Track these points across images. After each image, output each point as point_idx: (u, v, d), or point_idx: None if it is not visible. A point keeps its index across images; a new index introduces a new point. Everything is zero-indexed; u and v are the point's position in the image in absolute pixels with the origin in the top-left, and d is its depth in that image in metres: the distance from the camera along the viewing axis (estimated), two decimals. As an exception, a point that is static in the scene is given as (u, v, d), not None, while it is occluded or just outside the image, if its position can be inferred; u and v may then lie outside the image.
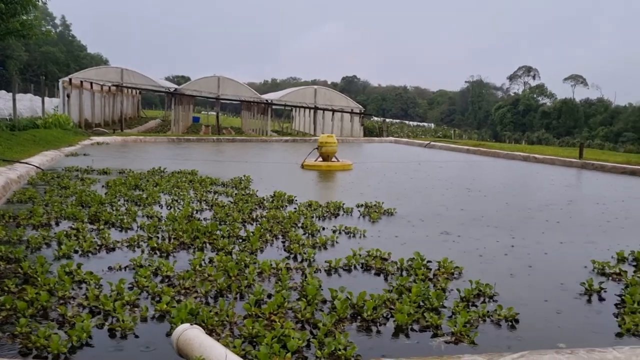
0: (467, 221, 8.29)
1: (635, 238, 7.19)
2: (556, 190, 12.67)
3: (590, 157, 18.29)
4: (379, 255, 5.88)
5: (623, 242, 6.89)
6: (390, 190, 11.54)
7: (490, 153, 21.92)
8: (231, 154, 20.64)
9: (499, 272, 5.59)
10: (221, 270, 5.13)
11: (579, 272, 5.60)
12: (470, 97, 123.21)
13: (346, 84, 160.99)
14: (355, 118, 37.56)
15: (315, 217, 8.15)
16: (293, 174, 14.33)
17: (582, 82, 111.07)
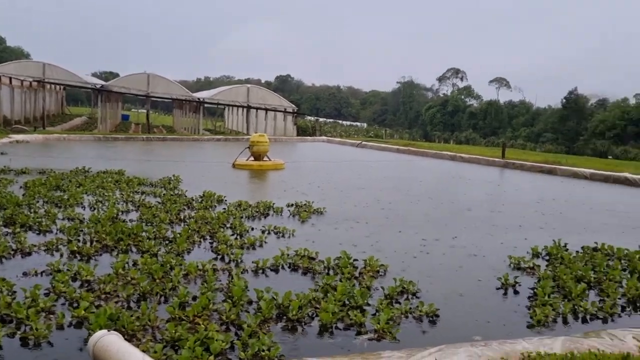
0: (395, 220, 8.49)
1: (549, 234, 7.59)
2: (479, 188, 13.18)
3: (511, 157, 19.16)
4: (307, 254, 5.91)
5: (538, 238, 7.27)
6: (321, 189, 11.63)
7: (419, 152, 22.52)
8: (161, 153, 20.14)
9: (423, 269, 5.77)
10: (145, 273, 5.00)
11: (497, 267, 5.86)
12: (402, 97, 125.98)
13: (280, 83, 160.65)
14: (288, 117, 37.58)
15: (245, 217, 8.09)
16: (224, 173, 14.17)
17: (505, 84, 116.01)
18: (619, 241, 7.08)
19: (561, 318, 4.39)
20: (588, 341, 3.46)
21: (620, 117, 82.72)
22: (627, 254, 6.21)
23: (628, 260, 6.01)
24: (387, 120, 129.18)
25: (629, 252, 6.22)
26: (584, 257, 6.06)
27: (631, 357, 3.21)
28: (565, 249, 6.49)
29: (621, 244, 6.70)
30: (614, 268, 5.62)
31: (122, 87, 33.81)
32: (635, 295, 4.85)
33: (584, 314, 4.47)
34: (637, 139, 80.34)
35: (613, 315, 4.47)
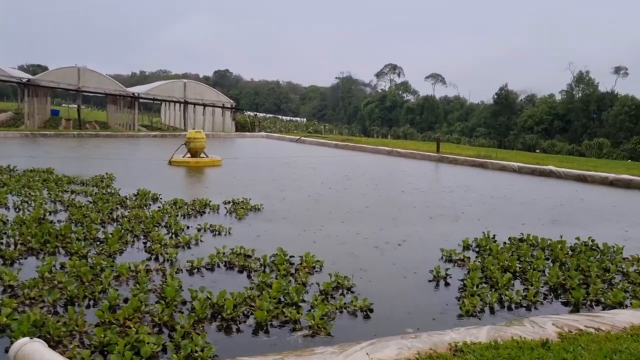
0: (333, 214, 8.57)
1: (480, 226, 7.87)
2: (413, 183, 13.48)
3: (446, 151, 19.74)
4: (243, 252, 5.88)
5: (470, 230, 7.53)
6: (259, 186, 11.57)
7: (357, 148, 22.82)
8: (94, 150, 19.46)
9: (359, 263, 5.85)
10: (73, 276, 4.83)
11: (430, 259, 6.02)
12: (341, 92, 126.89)
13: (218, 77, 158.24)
14: (226, 113, 37.10)
15: (181, 215, 7.95)
16: (160, 170, 13.85)
17: (441, 80, 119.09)
18: (544, 231, 7.44)
19: (488, 308, 4.57)
20: (511, 329, 3.62)
21: (547, 112, 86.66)
22: (550, 244, 6.52)
23: (551, 250, 6.33)
24: (326, 115, 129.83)
25: (551, 242, 6.53)
26: (510, 248, 6.32)
27: (550, 343, 3.38)
28: (493, 241, 6.75)
29: (545, 234, 7.05)
30: (538, 258, 5.90)
31: (50, 82, 32.34)
32: (557, 283, 5.11)
33: (510, 303, 4.67)
34: (563, 133, 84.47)
35: (536, 303, 4.70)
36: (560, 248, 6.30)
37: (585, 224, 8.57)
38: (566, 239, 6.74)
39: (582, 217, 9.24)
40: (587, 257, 5.92)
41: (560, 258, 5.97)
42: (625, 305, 4.64)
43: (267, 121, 61.00)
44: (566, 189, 12.89)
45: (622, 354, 3.18)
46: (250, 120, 42.46)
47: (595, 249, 6.49)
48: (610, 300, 4.65)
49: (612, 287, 5.07)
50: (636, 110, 76.27)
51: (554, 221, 8.70)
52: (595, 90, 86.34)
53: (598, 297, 4.77)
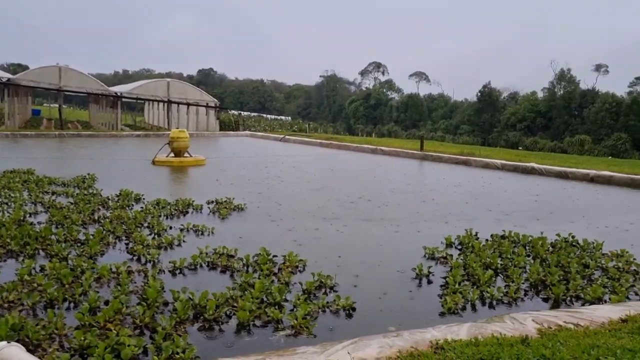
0: (316, 214, 8.57)
1: (463, 223, 7.93)
2: (398, 180, 13.53)
3: (430, 149, 19.83)
4: (226, 252, 5.86)
5: (453, 227, 7.58)
6: (242, 185, 11.54)
7: (341, 146, 22.85)
8: (75, 150, 19.27)
9: (343, 262, 5.86)
10: (53, 278, 4.78)
11: (413, 257, 6.05)
12: (325, 91, 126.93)
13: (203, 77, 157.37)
14: (210, 112, 36.94)
15: (163, 215, 7.90)
16: (143, 170, 13.74)
17: (425, 78, 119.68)
18: (526, 228, 7.52)
19: (470, 305, 4.60)
20: (491, 326, 3.65)
21: (530, 109, 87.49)
22: (531, 240, 6.59)
23: (532, 247, 6.39)
24: (311, 113, 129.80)
25: (532, 238, 6.60)
26: (492, 245, 6.37)
27: (529, 339, 3.41)
28: (476, 238, 6.80)
29: (527, 231, 7.12)
30: (519, 254, 5.95)
31: (31, 81, 31.93)
32: (537, 280, 5.16)
33: (491, 300, 4.71)
34: (545, 130, 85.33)
35: (517, 300, 4.75)
36: (541, 244, 6.36)
37: (566, 220, 8.66)
38: (547, 235, 6.82)
39: (563, 214, 9.34)
40: (567, 254, 5.99)
41: (541, 254, 6.03)
42: (604, 300, 4.70)
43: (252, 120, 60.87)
44: (548, 185, 13.03)
45: (599, 349, 3.22)
46: (235, 119, 42.30)
47: (575, 245, 6.57)
48: (590, 296, 4.71)
49: (591, 283, 5.14)
50: (616, 107, 77.31)
51: (536, 218, 8.78)
52: (576, 87, 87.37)
53: (578, 293, 4.83)
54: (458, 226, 7.68)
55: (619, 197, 11.86)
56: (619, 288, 4.92)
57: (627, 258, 5.95)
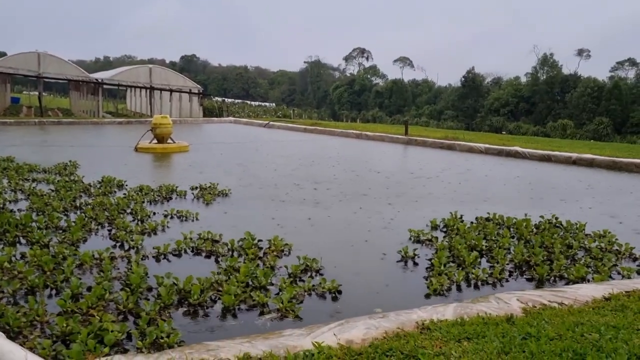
0: (302, 198, 8.53)
1: (448, 205, 7.95)
2: (383, 165, 13.53)
3: (414, 134, 19.85)
4: (210, 237, 5.81)
5: (438, 209, 7.60)
6: (226, 171, 11.45)
7: (326, 132, 22.78)
8: (56, 138, 18.98)
9: (329, 245, 5.84)
10: (34, 265, 4.70)
11: (399, 239, 6.05)
12: (309, 77, 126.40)
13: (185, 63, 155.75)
14: (194, 98, 36.58)
15: (147, 202, 7.81)
16: (125, 157, 13.57)
17: (409, 64, 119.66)
18: (511, 210, 7.56)
19: (455, 286, 4.62)
20: (477, 306, 3.66)
21: (513, 94, 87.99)
22: (515, 222, 6.62)
23: (516, 228, 6.42)
24: (295, 100, 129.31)
25: (517, 220, 6.63)
26: (477, 227, 6.39)
27: (514, 318, 3.43)
28: (461, 220, 6.82)
29: (512, 214, 7.16)
30: (504, 236, 5.98)
31: (9, 68, 31.31)
32: (521, 260, 5.19)
33: (476, 281, 4.73)
34: (528, 114, 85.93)
35: (502, 280, 4.77)
36: (525, 226, 6.40)
37: (550, 202, 8.73)
38: (531, 217, 6.86)
39: (547, 196, 9.41)
40: (551, 235, 6.03)
41: (525, 236, 6.06)
42: (588, 280, 4.74)
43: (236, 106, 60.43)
44: (531, 169, 13.12)
45: (584, 326, 3.25)
46: (218, 105, 41.95)
47: (558, 226, 6.62)
48: (573, 276, 4.75)
49: (575, 263, 5.18)
50: (598, 91, 78.02)
51: (520, 201, 8.83)
52: (559, 72, 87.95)
53: (561, 273, 4.86)
54: (443, 209, 7.69)
55: (600, 178, 11.97)
56: (602, 267, 4.97)
57: (609, 238, 6.00)
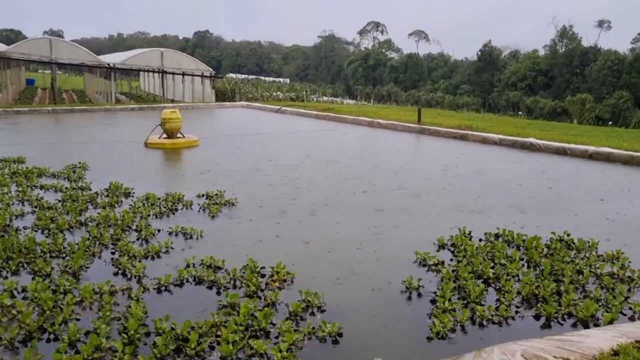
0: (311, 209, 8.41)
1: (457, 218, 7.80)
2: (398, 164, 13.33)
3: (427, 122, 19.54)
4: (213, 263, 5.74)
5: (448, 220, 7.46)
6: (235, 171, 11.33)
7: (338, 119, 22.56)
8: (68, 130, 19.01)
9: (334, 271, 5.73)
10: (34, 304, 4.68)
11: (404, 264, 5.93)
12: (323, 52, 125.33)
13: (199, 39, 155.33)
14: (206, 81, 36.43)
15: (152, 215, 7.76)
16: (135, 155, 13.53)
17: (424, 37, 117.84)
18: (523, 219, 7.39)
19: (460, 326, 4.50)
20: (478, 366, 3.55)
21: (531, 68, 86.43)
22: (525, 240, 6.46)
23: (526, 249, 6.26)
24: (309, 75, 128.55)
25: (527, 238, 6.46)
26: (485, 248, 6.23)
27: (517, 384, 3.32)
28: (469, 237, 6.68)
29: (524, 223, 7.00)
30: (512, 259, 5.83)
31: (22, 54, 31.36)
32: (529, 293, 5.05)
33: (481, 320, 4.60)
34: (546, 89, 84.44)
35: (508, 319, 4.64)
36: (534, 246, 6.24)
37: (563, 206, 8.53)
38: (540, 228, 6.70)
39: (561, 201, 9.19)
40: (562, 258, 5.86)
41: (534, 259, 5.91)
42: (597, 318, 4.60)
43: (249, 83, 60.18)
44: (546, 163, 12.85)
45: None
46: (231, 87, 41.74)
47: (570, 245, 6.44)
48: (582, 314, 4.60)
49: (585, 295, 5.03)
50: (619, 64, 76.21)
51: (535, 206, 8.64)
52: (578, 45, 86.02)
53: (570, 310, 4.72)
54: (453, 218, 7.55)
55: (617, 177, 11.67)
56: (613, 302, 4.81)
57: (623, 261, 5.82)
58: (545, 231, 6.91)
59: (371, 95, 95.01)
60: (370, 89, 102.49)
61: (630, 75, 72.48)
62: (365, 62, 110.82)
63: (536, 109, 78.06)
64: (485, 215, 7.96)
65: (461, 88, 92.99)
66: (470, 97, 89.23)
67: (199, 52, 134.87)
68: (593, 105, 74.43)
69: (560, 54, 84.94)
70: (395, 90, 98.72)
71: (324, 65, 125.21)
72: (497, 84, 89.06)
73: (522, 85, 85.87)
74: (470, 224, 7.19)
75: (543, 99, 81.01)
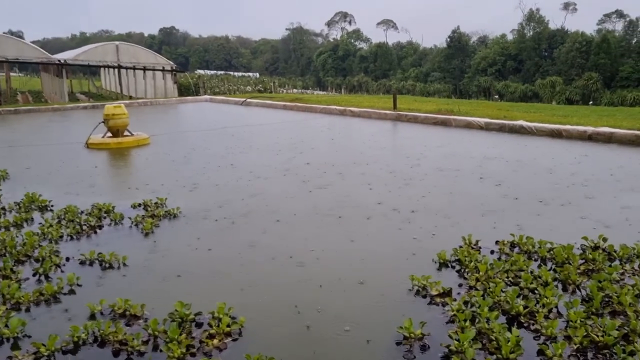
0: (271, 222, 6.73)
1: (461, 222, 6.24)
2: (374, 161, 11.75)
3: (403, 108, 17.98)
4: (129, 310, 4.04)
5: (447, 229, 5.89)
6: (184, 173, 9.59)
7: (307, 108, 20.83)
8: (1, 134, 16.95)
9: (296, 316, 4.10)
10: None
11: (397, 295, 4.33)
12: (292, 44, 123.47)
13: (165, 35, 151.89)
14: (167, 76, 34.33)
15: (67, 236, 5.99)
16: (71, 159, 11.63)
17: (393, 26, 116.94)
18: (536, 220, 5.86)
19: (493, 406, 2.91)
20: None
21: (500, 53, 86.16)
22: (552, 250, 4.92)
23: (556, 264, 4.72)
24: (279, 68, 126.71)
25: (555, 248, 4.92)
26: (502, 264, 4.65)
27: None
28: (478, 249, 5.12)
29: (539, 225, 5.47)
30: (544, 281, 4.27)
31: (-39, 53, 28.87)
32: (585, 341, 3.46)
33: (524, 392, 3.02)
34: (516, 73, 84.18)
35: (562, 388, 3.07)
36: (567, 258, 4.69)
37: (576, 198, 7.04)
38: (570, 234, 5.17)
39: (572, 192, 7.70)
40: (609, 274, 4.32)
41: (572, 279, 4.35)
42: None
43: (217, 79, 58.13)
44: (542, 148, 11.41)
45: None
46: (194, 82, 39.67)
47: (612, 254, 4.91)
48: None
49: (661, 337, 3.48)
50: (586, 46, 76.29)
51: (540, 201, 7.12)
52: (546, 27, 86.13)
53: (651, 365, 3.17)
54: (450, 221, 5.98)
55: (624, 160, 10.28)
56: None
57: (689, 276, 4.31)
58: (568, 233, 5.40)
59: (341, 87, 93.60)
60: (341, 80, 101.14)
61: (598, 56, 72.52)
62: (335, 53, 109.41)
63: (507, 93, 77.72)
64: (492, 217, 6.42)
65: (431, 75, 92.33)
66: (441, 84, 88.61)
67: (166, 49, 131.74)
68: (563, 88, 74.33)
69: (528, 37, 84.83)
70: (365, 80, 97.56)
71: (293, 58, 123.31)
72: (468, 70, 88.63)
73: (492, 71, 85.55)
74: (477, 230, 5.63)
75: (513, 83, 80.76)
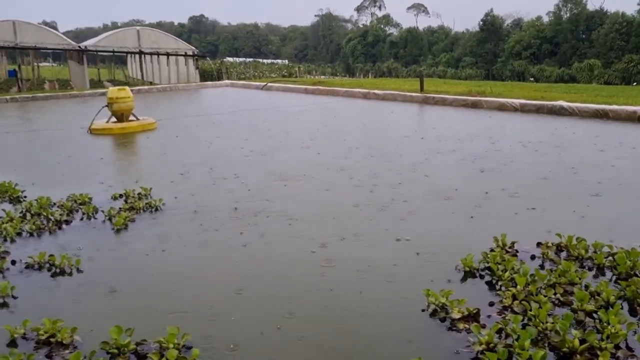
0: (269, 219, 5.76)
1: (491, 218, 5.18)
2: (397, 149, 10.67)
3: (431, 90, 16.77)
4: (56, 335, 3.12)
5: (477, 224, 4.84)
6: (181, 161, 8.68)
7: (329, 92, 19.74)
8: (7, 120, 16.37)
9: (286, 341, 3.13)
10: None
11: (407, 316, 3.32)
12: (321, 31, 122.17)
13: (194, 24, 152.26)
14: (190, 61, 33.65)
15: (26, 232, 5.14)
16: (71, 144, 10.86)
17: (424, 10, 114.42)
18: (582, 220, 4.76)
19: None
20: None
21: (535, 36, 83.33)
22: (613, 256, 3.82)
23: (618, 274, 3.63)
24: (308, 55, 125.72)
25: (616, 254, 3.82)
26: (547, 275, 3.57)
27: None
28: (514, 253, 4.06)
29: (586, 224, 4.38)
30: (604, 301, 3.19)
31: (-18, 40, 28.65)
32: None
33: None
34: (552, 56, 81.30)
35: None
36: (633, 267, 3.60)
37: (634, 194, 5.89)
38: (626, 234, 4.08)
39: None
40: (693, 293, 3.22)
41: (642, 297, 3.27)
42: None
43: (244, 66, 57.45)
44: (589, 131, 10.17)
45: None
46: (217, 67, 38.94)
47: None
48: None
49: None
50: (627, 27, 72.93)
51: (593, 195, 5.99)
52: (583, 9, 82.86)
53: None
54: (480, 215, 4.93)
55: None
56: None
57: None
58: (627, 234, 4.30)
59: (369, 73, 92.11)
60: (370, 66, 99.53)
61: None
62: (364, 39, 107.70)
63: (542, 78, 75.10)
64: (537, 212, 5.33)
65: (463, 60, 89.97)
66: (473, 69, 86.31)
67: (195, 37, 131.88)
68: (602, 71, 71.42)
69: (565, 19, 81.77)
70: (395, 66, 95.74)
71: (323, 45, 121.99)
72: (501, 54, 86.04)
73: (526, 54, 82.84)
74: (516, 227, 4.57)
75: (549, 67, 78.03)
